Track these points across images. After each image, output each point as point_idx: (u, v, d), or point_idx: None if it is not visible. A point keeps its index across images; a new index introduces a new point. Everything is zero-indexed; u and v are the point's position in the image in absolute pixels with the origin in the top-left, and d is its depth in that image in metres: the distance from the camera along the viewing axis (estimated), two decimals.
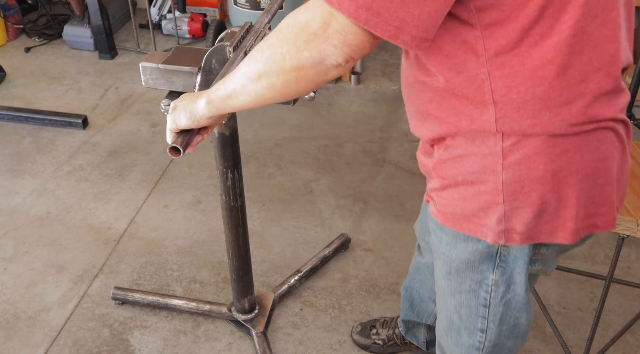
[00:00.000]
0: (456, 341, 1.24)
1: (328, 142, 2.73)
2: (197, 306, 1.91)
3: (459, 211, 1.02)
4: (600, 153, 0.94)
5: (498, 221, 0.98)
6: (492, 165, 0.94)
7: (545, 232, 0.99)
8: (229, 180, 1.52)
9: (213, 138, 1.46)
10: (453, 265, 1.11)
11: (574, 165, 0.93)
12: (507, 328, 1.16)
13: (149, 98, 3.05)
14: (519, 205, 0.96)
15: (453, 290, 1.15)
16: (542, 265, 1.07)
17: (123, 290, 1.97)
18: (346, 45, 0.82)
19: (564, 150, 0.92)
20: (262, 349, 1.79)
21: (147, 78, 1.35)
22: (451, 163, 1.00)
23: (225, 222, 1.63)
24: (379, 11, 0.78)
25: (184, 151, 1.01)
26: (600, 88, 0.90)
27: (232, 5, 3.23)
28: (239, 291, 1.79)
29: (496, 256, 1.05)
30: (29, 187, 2.47)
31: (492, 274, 1.07)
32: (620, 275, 2.07)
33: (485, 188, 0.96)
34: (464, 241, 1.06)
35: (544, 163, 0.92)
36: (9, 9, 3.53)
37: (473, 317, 1.16)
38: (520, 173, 0.93)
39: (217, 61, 1.26)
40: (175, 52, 1.37)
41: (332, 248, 2.12)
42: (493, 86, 0.89)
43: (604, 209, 0.99)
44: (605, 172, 0.96)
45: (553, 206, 0.96)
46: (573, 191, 0.95)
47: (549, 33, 0.85)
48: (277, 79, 0.89)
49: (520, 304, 1.12)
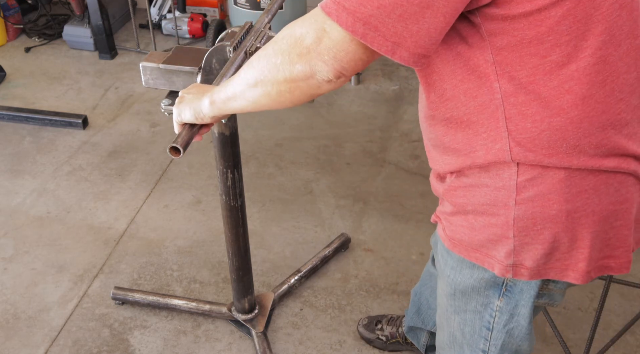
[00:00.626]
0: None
1: (328, 142, 2.73)
2: (197, 306, 1.91)
3: (467, 239, 1.00)
4: (619, 195, 0.91)
5: (507, 255, 0.96)
6: (505, 199, 0.92)
7: (555, 270, 0.96)
8: (229, 180, 1.52)
9: (213, 138, 1.46)
10: (458, 288, 1.09)
11: (591, 207, 0.90)
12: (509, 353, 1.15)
13: (149, 98, 3.05)
14: (529, 241, 0.93)
15: (458, 309, 1.14)
16: (548, 299, 1.06)
17: (123, 289, 1.97)
18: (337, 61, 0.82)
19: (581, 190, 0.89)
20: (262, 349, 1.79)
21: (148, 78, 1.35)
22: (462, 191, 0.98)
23: (225, 222, 1.63)
24: (377, 26, 0.78)
25: (183, 151, 1.02)
26: (621, 120, 0.87)
27: (232, 5, 3.23)
28: (239, 291, 1.78)
29: (502, 286, 1.03)
30: (29, 187, 2.47)
31: (498, 300, 1.06)
32: (620, 275, 2.07)
33: (496, 221, 0.94)
34: (469, 268, 1.04)
35: (559, 202, 0.89)
36: (9, 9, 3.53)
37: (476, 337, 1.14)
38: (533, 210, 0.91)
39: (217, 61, 1.26)
40: (175, 52, 1.37)
41: (332, 248, 2.12)
42: (507, 113, 0.86)
43: (619, 252, 0.96)
44: (623, 215, 0.93)
45: (565, 245, 0.93)
46: (587, 233, 0.92)
47: (567, 61, 0.82)
48: (271, 88, 0.90)
49: (522, 334, 1.10)
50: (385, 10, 0.77)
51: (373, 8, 0.77)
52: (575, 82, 0.83)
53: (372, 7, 0.77)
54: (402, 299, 2.00)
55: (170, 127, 2.84)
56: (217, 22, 3.38)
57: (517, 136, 0.87)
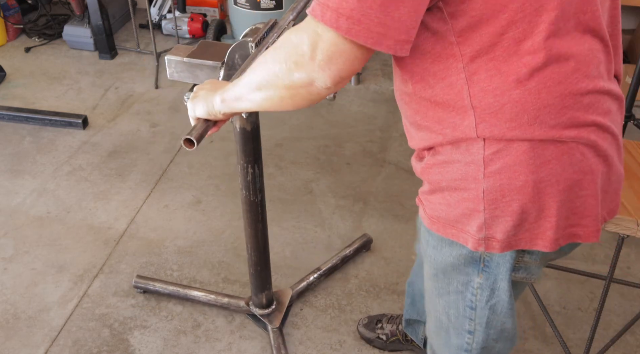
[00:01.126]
0: (445, 341, 1.24)
1: (328, 142, 2.73)
2: (216, 298, 1.93)
3: (444, 216, 1.03)
4: (582, 166, 0.94)
5: (479, 228, 0.99)
6: (474, 173, 0.95)
7: (524, 240, 0.99)
8: (249, 175, 1.54)
9: (235, 133, 1.47)
10: (439, 267, 1.12)
11: (555, 177, 0.93)
12: (494, 332, 1.17)
13: (149, 98, 3.05)
14: (499, 214, 0.97)
15: (441, 290, 1.17)
16: (525, 272, 1.08)
17: (144, 278, 2.01)
18: (333, 65, 0.84)
19: (545, 161, 0.92)
20: (276, 345, 1.80)
21: (172, 71, 1.38)
22: (437, 168, 1.01)
23: (245, 217, 1.64)
24: (360, 18, 0.79)
25: (197, 143, 1.03)
26: (579, 89, 0.90)
27: (232, 5, 3.23)
28: (257, 285, 1.80)
29: (480, 262, 1.06)
30: (29, 187, 2.47)
31: (477, 277, 1.08)
32: (620, 275, 2.07)
33: (468, 196, 0.98)
34: (449, 245, 1.07)
35: (525, 173, 0.93)
36: (9, 9, 3.53)
37: (461, 318, 1.17)
38: (501, 182, 0.94)
39: (240, 56, 1.28)
40: (200, 46, 1.39)
41: (354, 248, 2.12)
42: (471, 91, 0.90)
43: (587, 221, 0.99)
44: (588, 185, 0.96)
45: (533, 215, 0.96)
46: (553, 202, 0.95)
47: (523, 37, 0.86)
48: (273, 93, 0.93)
49: (505, 310, 1.12)
50: (367, 2, 0.78)
51: (354, 2, 0.79)
52: (532, 56, 0.86)
53: (354, 1, 0.79)
54: (402, 300, 2.00)
55: (170, 127, 2.84)
56: (217, 22, 3.38)
57: (482, 112, 0.91)
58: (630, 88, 2.28)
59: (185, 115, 2.90)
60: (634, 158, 1.64)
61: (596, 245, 2.20)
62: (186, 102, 1.34)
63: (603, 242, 2.22)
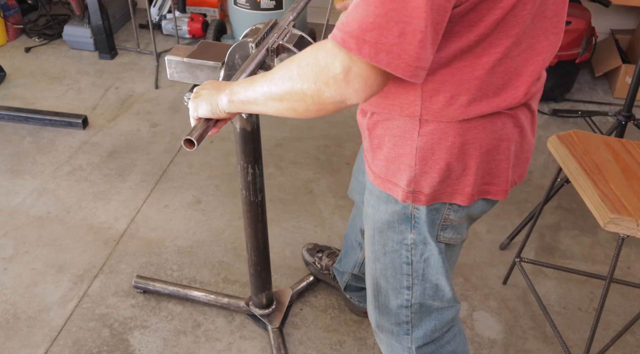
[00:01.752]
0: (385, 308, 1.31)
1: (328, 142, 2.73)
2: (216, 298, 1.94)
3: (383, 171, 1.12)
4: (502, 133, 1.05)
5: (409, 182, 1.08)
6: (411, 132, 1.05)
7: (446, 194, 1.10)
8: (250, 175, 1.54)
9: (235, 133, 1.47)
10: (376, 226, 1.20)
11: (478, 141, 1.04)
12: (430, 287, 1.24)
13: (149, 98, 3.05)
14: (428, 170, 1.06)
15: (378, 253, 1.24)
16: (453, 231, 1.17)
17: (145, 278, 2.01)
18: (368, 87, 0.87)
19: (471, 127, 1.02)
20: (276, 345, 1.80)
21: (172, 72, 1.38)
22: (381, 125, 1.09)
23: (245, 217, 1.65)
24: (400, 53, 0.82)
25: (198, 144, 1.03)
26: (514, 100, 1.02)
27: (232, 5, 3.23)
28: (257, 286, 1.80)
29: (411, 218, 1.14)
30: (29, 187, 2.47)
31: (410, 233, 1.16)
32: (620, 275, 2.07)
33: (404, 151, 1.07)
34: (385, 203, 1.16)
35: (453, 135, 1.02)
36: (9, 9, 3.53)
37: (398, 276, 1.24)
38: (432, 141, 1.04)
39: (240, 57, 1.28)
40: (200, 46, 1.40)
41: None
42: (424, 87, 0.99)
43: (498, 181, 1.11)
44: (504, 151, 1.07)
45: (456, 173, 1.07)
46: (474, 163, 1.06)
47: (482, 53, 0.94)
48: (298, 106, 0.95)
49: (438, 265, 1.20)
50: (407, 38, 0.81)
51: (394, 37, 0.81)
52: (482, 71, 0.96)
53: (393, 37, 0.81)
54: None
55: (170, 127, 2.84)
56: (217, 22, 3.38)
57: (429, 105, 1.00)
58: (630, 88, 2.28)
59: (185, 115, 2.90)
60: (634, 158, 1.64)
61: (596, 245, 2.20)
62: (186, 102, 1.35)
63: (603, 242, 2.22)
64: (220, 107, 1.07)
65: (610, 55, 3.19)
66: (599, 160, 1.62)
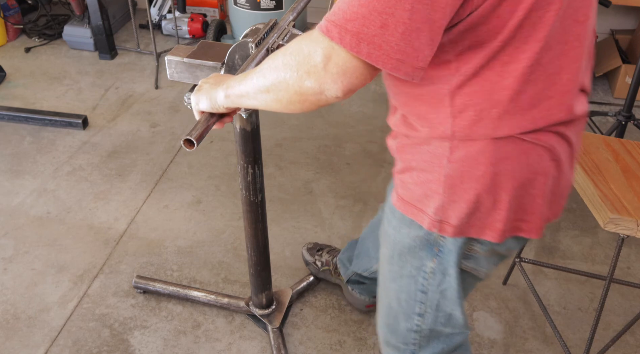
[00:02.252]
0: (394, 328, 1.28)
1: (328, 142, 2.73)
2: (216, 299, 1.94)
3: (409, 194, 1.08)
4: (537, 166, 0.99)
5: (436, 210, 1.04)
6: (440, 157, 1.00)
7: (475, 228, 1.05)
8: (249, 175, 1.54)
9: (235, 133, 1.48)
10: (396, 248, 1.16)
11: (512, 172, 0.98)
12: (443, 316, 1.20)
13: (149, 99, 3.05)
14: (456, 199, 1.02)
15: (394, 274, 1.20)
16: (475, 263, 1.13)
17: (144, 278, 2.01)
18: (346, 78, 0.87)
19: (505, 156, 0.97)
20: (276, 345, 1.80)
21: (172, 72, 1.38)
22: (409, 148, 1.07)
23: (245, 217, 1.65)
24: (381, 44, 0.81)
25: (197, 144, 1.04)
26: (551, 116, 0.96)
27: (232, 5, 3.23)
28: (256, 286, 1.80)
29: (434, 246, 1.10)
30: (29, 187, 2.47)
31: (430, 262, 1.12)
32: (620, 275, 2.07)
33: (432, 177, 1.02)
34: (407, 226, 1.11)
35: (485, 164, 0.98)
36: (9, 9, 3.53)
37: (411, 302, 1.20)
38: (462, 169, 0.99)
39: (240, 57, 1.29)
40: (200, 46, 1.40)
41: None
42: (454, 102, 0.95)
43: (532, 217, 1.05)
44: (539, 185, 1.01)
45: (486, 206, 1.01)
46: (506, 196, 1.00)
47: (510, 60, 0.90)
48: (282, 97, 0.95)
49: (454, 297, 1.16)
50: (389, 29, 0.80)
51: (376, 28, 0.80)
52: (513, 79, 0.91)
53: (375, 27, 0.80)
54: None
55: (170, 127, 2.84)
56: (217, 22, 3.38)
57: (460, 122, 0.96)
58: (630, 89, 2.28)
59: (185, 115, 2.90)
60: (634, 158, 1.64)
61: (596, 245, 2.20)
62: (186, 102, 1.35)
63: (603, 242, 2.22)
64: (219, 102, 1.07)
65: (610, 55, 3.20)
66: (599, 160, 1.63)
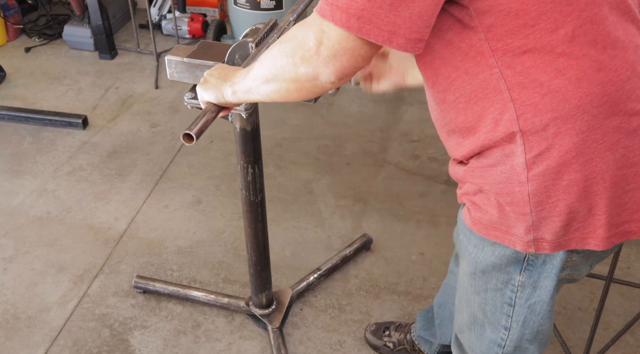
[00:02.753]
0: (479, 334, 1.22)
1: (328, 142, 2.73)
2: (216, 298, 1.94)
3: (487, 218, 1.02)
4: (626, 160, 0.93)
5: (527, 231, 0.98)
6: (518, 177, 0.94)
7: (575, 240, 0.98)
8: (250, 175, 1.54)
9: (235, 133, 1.47)
10: (479, 266, 1.11)
11: (600, 174, 0.92)
12: (530, 332, 1.15)
13: (149, 99, 3.05)
14: (546, 215, 0.96)
15: (478, 288, 1.15)
16: (571, 270, 1.07)
17: (145, 278, 2.01)
18: (337, 61, 0.87)
19: (588, 159, 0.91)
20: (276, 345, 1.80)
21: (172, 72, 1.38)
22: (480, 171, 1.00)
23: (245, 217, 1.65)
24: (370, 18, 0.82)
25: (197, 139, 1.04)
26: (619, 77, 0.89)
27: (232, 5, 3.23)
28: (256, 285, 1.80)
29: (524, 261, 1.04)
30: (29, 187, 2.47)
31: (519, 275, 1.07)
32: (620, 275, 2.07)
33: (512, 199, 0.96)
34: (491, 245, 1.06)
35: (568, 173, 0.92)
36: (9, 9, 3.53)
37: (498, 314, 1.15)
38: (545, 184, 0.93)
39: (240, 56, 1.29)
40: (200, 46, 1.40)
41: (353, 248, 2.12)
42: (508, 84, 0.89)
43: (638, 215, 0.97)
44: (634, 178, 0.94)
45: (582, 214, 0.95)
46: (601, 199, 0.94)
47: (555, 26, 0.85)
48: (281, 86, 0.96)
49: (544, 311, 1.11)
50: (377, 2, 0.81)
51: (364, 2, 0.81)
52: (567, 45, 0.86)
53: (364, 1, 0.81)
54: (402, 299, 2.00)
55: (170, 127, 2.84)
56: (217, 22, 3.38)
57: (522, 104, 0.90)
58: None
59: (185, 115, 2.90)
60: None
61: None
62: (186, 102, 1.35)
63: None
64: (226, 99, 1.08)
65: None
66: None
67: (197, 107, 1.40)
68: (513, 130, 0.92)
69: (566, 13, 0.85)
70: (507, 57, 0.88)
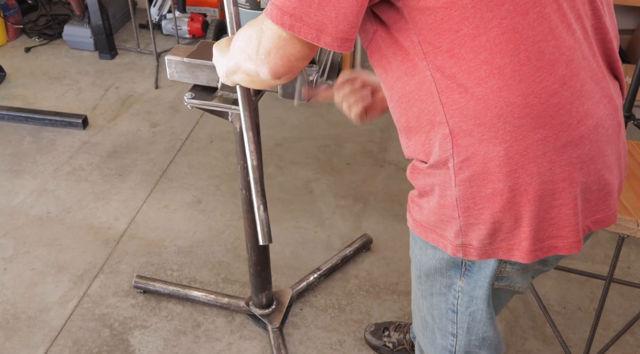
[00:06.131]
0: (431, 341, 1.25)
1: (328, 142, 2.73)
2: (216, 298, 1.94)
3: (425, 220, 1.04)
4: (552, 174, 0.90)
5: (456, 235, 0.99)
6: (448, 181, 0.95)
7: (502, 250, 0.98)
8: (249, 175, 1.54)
9: (235, 133, 1.47)
10: (422, 269, 1.13)
11: (523, 186, 0.90)
12: (476, 339, 1.16)
13: (149, 98, 3.05)
14: (473, 222, 0.96)
15: (425, 292, 1.17)
16: (508, 281, 1.07)
17: (145, 278, 2.01)
18: (271, 59, 0.93)
19: (511, 170, 0.90)
20: (276, 345, 1.80)
21: (172, 72, 1.39)
22: (421, 174, 1.01)
23: (245, 217, 1.65)
24: (301, 16, 0.86)
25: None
26: (545, 89, 0.87)
27: None
28: (257, 285, 1.80)
29: (462, 266, 1.06)
30: (29, 187, 2.47)
31: (459, 280, 1.08)
32: (620, 275, 2.07)
33: (445, 202, 0.97)
34: (432, 248, 1.07)
35: (492, 181, 0.91)
36: (9, 9, 3.53)
37: (444, 320, 1.17)
38: (472, 190, 0.93)
39: None
40: (200, 46, 1.40)
41: (353, 248, 2.12)
42: (438, 87, 0.90)
43: (565, 231, 0.95)
44: (561, 194, 0.92)
45: (507, 225, 0.94)
46: (526, 211, 0.93)
47: (477, 33, 0.85)
48: (241, 78, 1.05)
49: (484, 319, 1.11)
50: (307, 1, 0.85)
51: (296, 1, 0.86)
52: (489, 53, 0.85)
53: (296, 0, 0.86)
54: (402, 300, 2.00)
55: (170, 127, 2.84)
56: (217, 22, 3.38)
57: (450, 108, 0.90)
58: (630, 89, 2.28)
59: (185, 115, 2.91)
60: (634, 158, 1.64)
61: (596, 245, 2.20)
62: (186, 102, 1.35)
63: (603, 242, 2.22)
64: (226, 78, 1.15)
65: None
66: None
67: (197, 107, 1.40)
68: (444, 132, 0.92)
69: (487, 20, 0.84)
70: (437, 60, 0.88)
